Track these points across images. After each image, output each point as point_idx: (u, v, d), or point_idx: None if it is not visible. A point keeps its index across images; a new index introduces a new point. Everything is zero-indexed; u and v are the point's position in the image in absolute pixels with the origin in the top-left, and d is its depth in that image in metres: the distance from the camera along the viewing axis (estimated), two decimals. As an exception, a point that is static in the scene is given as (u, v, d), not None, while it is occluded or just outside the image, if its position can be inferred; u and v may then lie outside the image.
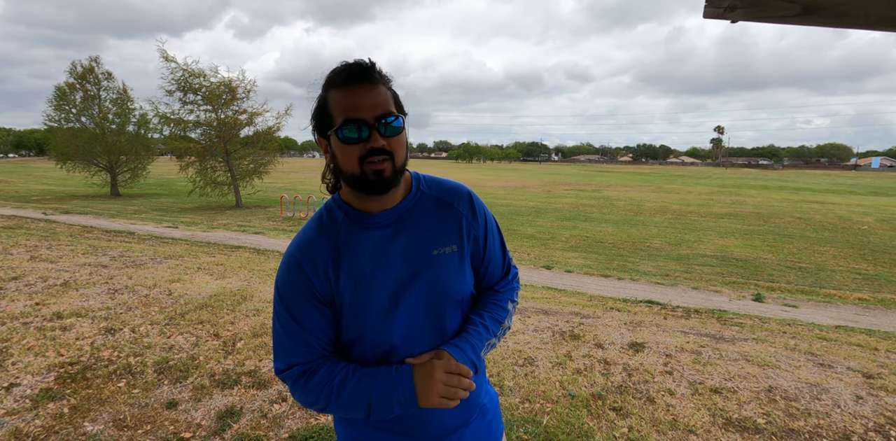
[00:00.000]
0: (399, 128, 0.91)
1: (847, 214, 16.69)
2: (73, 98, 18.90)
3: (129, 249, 7.16)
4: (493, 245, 1.07)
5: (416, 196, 1.00)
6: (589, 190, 25.77)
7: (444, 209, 1.01)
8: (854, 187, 34.15)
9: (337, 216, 0.98)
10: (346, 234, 0.96)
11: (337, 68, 0.90)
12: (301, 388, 0.94)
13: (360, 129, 0.87)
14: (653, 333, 4.07)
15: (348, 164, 0.90)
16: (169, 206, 16.08)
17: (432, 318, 0.98)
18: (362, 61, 0.90)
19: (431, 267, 0.96)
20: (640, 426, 2.54)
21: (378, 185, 0.89)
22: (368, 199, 0.95)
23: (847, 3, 0.81)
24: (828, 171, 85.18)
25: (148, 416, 2.53)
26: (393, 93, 0.93)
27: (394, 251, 0.96)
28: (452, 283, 0.99)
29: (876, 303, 6.19)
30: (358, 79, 0.88)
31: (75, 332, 3.62)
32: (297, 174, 36.05)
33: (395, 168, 0.90)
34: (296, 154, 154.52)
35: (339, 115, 0.88)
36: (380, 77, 0.91)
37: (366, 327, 0.96)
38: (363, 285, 0.94)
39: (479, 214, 1.04)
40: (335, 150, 0.91)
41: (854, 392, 3.00)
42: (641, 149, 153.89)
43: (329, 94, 0.90)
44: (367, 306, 0.94)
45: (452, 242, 0.99)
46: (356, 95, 0.87)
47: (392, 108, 0.90)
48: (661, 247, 10.13)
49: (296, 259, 0.95)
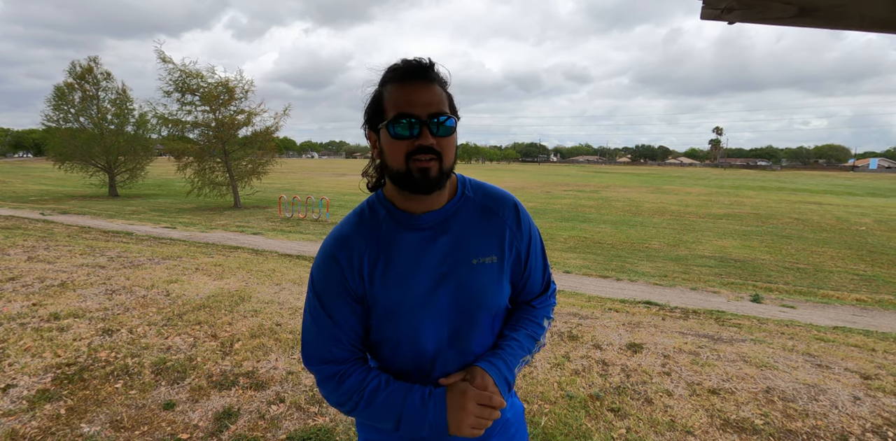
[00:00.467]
0: (451, 128, 0.89)
1: (845, 215, 16.73)
2: (72, 98, 18.86)
3: (126, 250, 7.14)
4: (535, 259, 1.04)
5: (460, 200, 0.98)
6: (587, 191, 25.80)
7: (488, 217, 0.99)
8: (852, 188, 34.24)
9: (379, 213, 0.97)
10: (386, 233, 0.95)
11: (395, 64, 0.90)
12: (332, 390, 0.95)
13: (411, 126, 0.86)
14: (651, 334, 4.07)
15: (395, 160, 0.88)
16: (167, 206, 16.06)
17: (464, 328, 0.96)
18: (421, 59, 0.89)
19: (469, 276, 0.94)
20: (638, 427, 2.54)
21: (423, 184, 0.88)
22: (412, 198, 0.93)
23: (843, 4, 0.81)
24: (826, 172, 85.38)
25: (145, 417, 2.52)
26: (448, 94, 0.92)
27: (433, 255, 0.94)
28: (488, 295, 0.97)
29: (874, 304, 6.20)
30: (415, 76, 0.88)
31: (72, 332, 3.61)
32: (296, 175, 36.03)
33: (442, 169, 0.89)
34: (294, 154, 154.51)
35: (391, 110, 0.87)
36: (437, 77, 0.90)
37: (395, 329, 0.95)
38: (399, 286, 0.93)
39: (524, 226, 1.02)
40: (383, 144, 0.90)
41: (852, 393, 3.00)
42: (640, 150, 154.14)
43: (385, 88, 0.90)
44: (399, 308, 0.93)
45: (493, 253, 0.97)
46: (411, 92, 0.87)
47: (446, 108, 0.89)
48: (660, 247, 10.14)
49: (332, 253, 0.95)
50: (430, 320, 0.94)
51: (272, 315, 4.17)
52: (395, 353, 0.97)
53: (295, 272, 6.05)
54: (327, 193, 18.88)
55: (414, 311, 0.93)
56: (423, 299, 0.93)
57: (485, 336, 0.99)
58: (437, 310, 0.94)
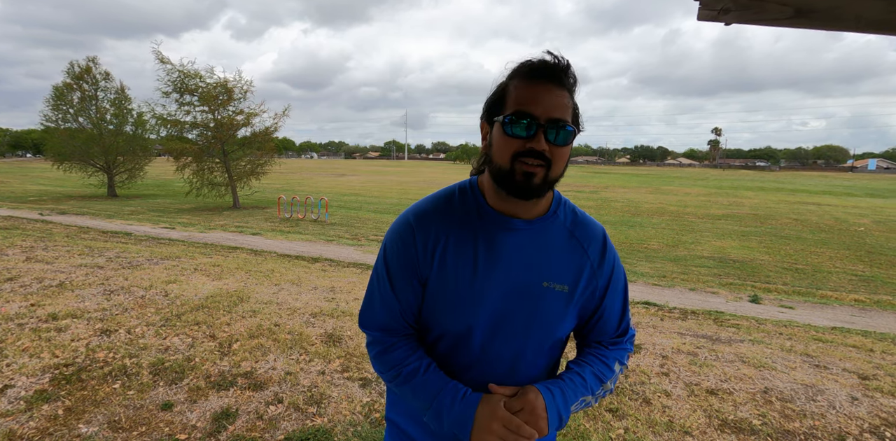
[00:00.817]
0: (569, 137, 0.84)
1: (843, 216, 16.76)
2: (71, 98, 18.84)
3: (125, 250, 7.13)
4: (612, 300, 0.99)
5: (551, 218, 0.95)
6: (587, 191, 25.81)
7: (572, 247, 0.95)
8: (850, 189, 34.29)
9: (469, 203, 0.94)
10: (471, 225, 0.92)
11: (529, 60, 0.85)
12: (377, 357, 0.96)
13: (528, 126, 0.82)
14: (649, 335, 4.07)
15: (501, 158, 0.85)
16: (166, 206, 16.04)
17: (512, 343, 0.93)
18: (559, 59, 0.84)
19: (534, 297, 0.91)
20: (636, 427, 2.54)
21: (523, 188, 0.84)
22: (507, 200, 0.89)
23: (839, 6, 0.82)
24: (824, 172, 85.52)
25: (143, 417, 2.52)
26: (575, 104, 0.87)
27: (507, 263, 0.91)
28: (547, 322, 0.93)
29: (872, 304, 6.21)
30: (546, 75, 0.83)
31: (70, 333, 3.61)
32: (295, 175, 36.02)
33: (548, 178, 0.85)
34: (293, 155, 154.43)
35: (512, 104, 0.84)
36: (569, 83, 0.86)
37: (446, 319, 0.93)
38: (466, 281, 0.90)
39: (608, 263, 0.97)
40: (494, 138, 0.87)
41: (849, 393, 3.01)
42: (639, 150, 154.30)
43: (512, 81, 0.86)
44: (457, 302, 0.91)
45: (566, 282, 0.93)
46: (538, 91, 0.83)
47: (569, 116, 0.84)
48: (659, 248, 10.15)
49: (412, 229, 0.93)
50: (478, 324, 0.91)
51: (271, 315, 4.17)
52: (440, 342, 0.96)
53: (293, 272, 6.05)
54: (326, 194, 18.88)
55: (469, 309, 0.91)
56: (483, 302, 0.90)
57: (533, 359, 0.96)
58: (492, 317, 0.91)
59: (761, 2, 0.97)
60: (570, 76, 0.85)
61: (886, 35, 0.80)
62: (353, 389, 2.90)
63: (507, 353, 0.93)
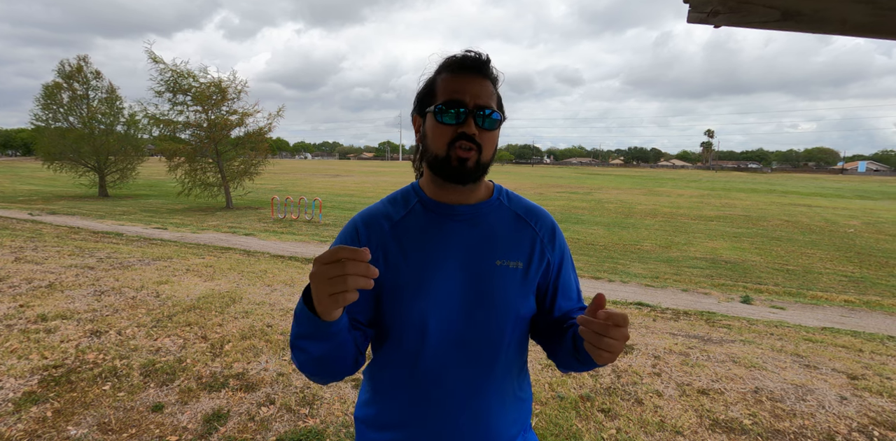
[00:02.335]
0: (495, 122, 0.91)
1: (834, 218, 16.93)
2: (61, 97, 18.66)
3: (116, 251, 7.07)
4: (566, 280, 1.01)
5: (494, 203, 0.99)
6: (581, 192, 25.91)
7: (520, 225, 0.98)
8: (841, 191, 34.64)
9: (411, 200, 0.99)
10: (415, 217, 0.96)
11: (454, 55, 0.93)
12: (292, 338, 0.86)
13: (457, 114, 0.88)
14: (642, 335, 4.09)
15: (436, 146, 0.90)
16: (158, 207, 15.92)
17: (474, 327, 0.92)
18: (480, 54, 0.92)
19: (490, 275, 0.92)
20: (628, 428, 2.55)
21: (459, 172, 0.89)
22: (446, 188, 0.94)
23: (824, 9, 0.83)
24: (815, 174, 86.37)
25: (133, 419, 2.50)
26: (498, 94, 0.95)
27: (457, 246, 0.93)
28: (507, 297, 0.93)
29: (861, 305, 6.28)
30: (471, 68, 0.91)
31: (60, 334, 3.57)
32: (289, 175, 35.87)
33: (480, 161, 0.90)
34: (287, 155, 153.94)
35: (442, 95, 0.90)
36: (491, 74, 0.93)
37: (402, 313, 0.92)
38: (416, 270, 0.91)
39: (558, 243, 1.01)
40: (428, 129, 0.92)
41: (839, 393, 3.04)
42: (633, 152, 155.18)
43: (439, 76, 0.93)
44: (410, 292, 0.91)
45: (519, 259, 0.95)
46: (464, 82, 0.90)
47: (494, 104, 0.92)
48: (652, 249, 10.20)
49: (355, 227, 0.96)
50: (439, 311, 0.91)
51: (263, 316, 4.15)
52: (405, 335, 0.93)
53: (287, 273, 6.02)
54: (320, 195, 18.82)
55: (425, 298, 0.90)
56: (437, 288, 0.91)
57: (498, 338, 0.94)
58: (451, 303, 0.91)
59: (749, 4, 0.98)
60: (492, 69, 0.93)
61: (870, 38, 0.81)
62: (345, 390, 2.89)
63: (470, 335, 0.92)
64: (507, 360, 0.97)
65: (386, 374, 0.98)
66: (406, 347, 0.94)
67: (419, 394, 0.94)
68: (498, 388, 0.96)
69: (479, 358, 0.93)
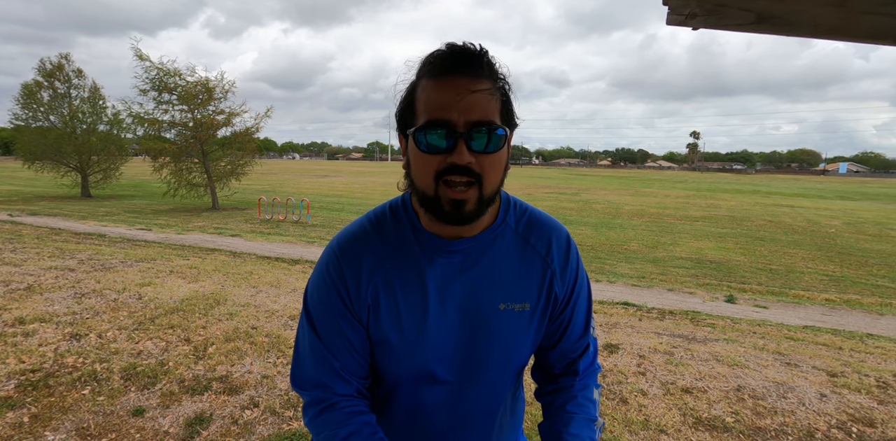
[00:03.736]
0: (500, 140, 0.69)
1: (815, 218, 17.25)
2: (41, 96, 18.30)
3: (98, 252, 6.95)
4: (578, 308, 0.87)
5: (499, 228, 0.80)
6: (569, 193, 26.07)
7: (528, 256, 0.81)
8: (822, 192, 35.32)
9: (403, 224, 0.80)
10: (406, 253, 0.78)
11: (437, 51, 0.69)
12: (310, 418, 0.80)
13: (445, 135, 0.67)
14: (627, 335, 4.12)
15: (423, 180, 0.71)
16: (142, 207, 15.69)
17: (477, 380, 0.83)
18: (469, 46, 0.68)
19: (491, 323, 0.80)
20: (613, 427, 2.57)
21: (454, 217, 0.70)
22: (441, 223, 0.75)
23: (796, 12, 0.84)
24: (798, 175, 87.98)
25: (113, 424, 2.45)
26: (503, 93, 0.70)
27: (455, 290, 0.78)
28: (508, 347, 0.82)
29: (842, 303, 6.40)
30: (457, 68, 0.67)
31: (38, 338, 3.50)
32: (277, 176, 35.58)
33: (481, 198, 0.70)
34: (275, 155, 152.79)
35: (422, 113, 0.68)
36: (488, 70, 0.69)
37: (396, 366, 0.82)
38: (408, 319, 0.78)
39: (571, 268, 0.84)
40: (411, 156, 0.72)
41: (818, 390, 3.09)
42: (620, 153, 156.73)
43: (420, 81, 0.70)
44: (404, 343, 0.79)
45: (526, 299, 0.81)
46: (450, 90, 0.66)
47: (494, 115, 0.68)
48: (638, 249, 10.30)
49: (338, 268, 0.78)
50: (435, 365, 0.80)
51: (248, 318, 4.11)
52: (398, 388, 0.84)
53: (273, 275, 5.97)
54: (308, 195, 18.69)
55: (417, 352, 0.79)
56: (434, 342, 0.79)
57: (502, 389, 0.87)
58: (448, 355, 0.80)
59: (725, 7, 1.00)
60: (488, 63, 0.69)
61: (840, 40, 0.83)
62: (331, 392, 2.87)
63: (470, 391, 0.84)
64: (506, 407, 0.91)
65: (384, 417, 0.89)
66: (398, 403, 0.85)
67: (416, 433, 0.88)
68: (498, 420, 0.91)
69: (478, 413, 0.86)
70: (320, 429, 0.79)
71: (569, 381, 0.89)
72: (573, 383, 0.88)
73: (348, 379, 0.80)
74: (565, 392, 0.88)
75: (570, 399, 0.86)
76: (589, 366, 0.90)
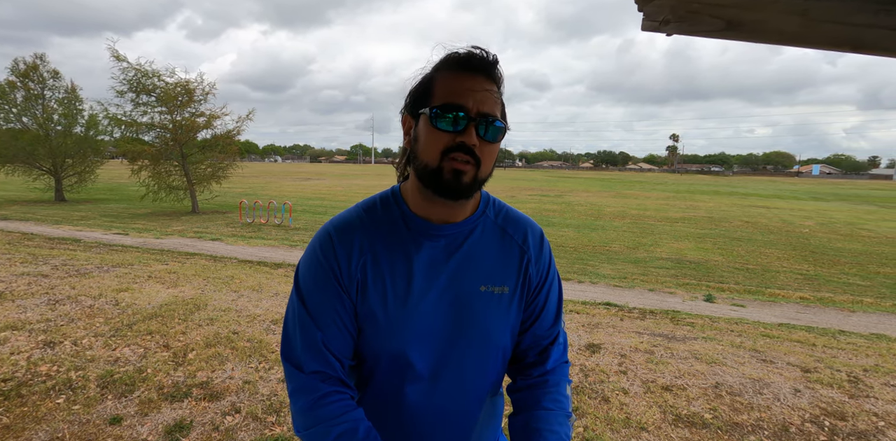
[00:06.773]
0: (499, 133, 0.80)
1: (790, 218, 17.72)
2: (14, 97, 17.78)
3: (73, 257, 6.77)
4: (551, 296, 0.94)
5: (479, 218, 0.89)
6: (551, 195, 26.31)
7: (507, 244, 0.89)
8: (797, 193, 36.30)
9: (392, 212, 0.87)
10: (397, 237, 0.84)
11: (458, 52, 0.80)
12: (302, 411, 0.82)
13: (456, 120, 0.76)
14: (609, 334, 4.18)
15: (428, 155, 0.78)
16: (119, 211, 15.33)
17: (458, 359, 0.87)
18: (487, 52, 0.80)
19: (473, 304, 0.85)
20: (595, 425, 2.60)
21: (452, 187, 0.78)
22: (434, 203, 0.83)
23: (763, 20, 0.88)
24: (773, 177, 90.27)
25: (89, 433, 2.39)
26: (502, 101, 0.83)
27: (441, 273, 0.84)
28: (489, 329, 0.87)
29: (815, 301, 6.58)
30: (477, 68, 0.79)
31: (10, 346, 3.39)
32: (258, 179, 35.14)
33: (477, 177, 0.79)
34: (257, 158, 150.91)
35: (440, 96, 0.78)
36: (497, 77, 0.81)
37: (381, 345, 0.84)
38: (395, 299, 0.83)
39: (544, 258, 0.93)
40: (420, 133, 0.80)
41: (793, 386, 3.17)
42: (602, 155, 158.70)
43: (438, 73, 0.80)
44: (389, 323, 0.83)
45: (506, 283, 0.88)
46: (468, 83, 0.78)
47: (499, 112, 0.81)
48: (620, 250, 10.44)
49: (331, 247, 0.83)
50: (420, 345, 0.84)
51: (229, 323, 4.05)
52: (377, 367, 0.87)
53: (254, 279, 5.89)
54: (291, 198, 18.50)
55: (405, 331, 0.83)
56: (418, 320, 0.83)
57: (482, 370, 0.90)
58: (431, 334, 0.84)
59: (696, 15, 1.03)
60: (499, 71, 0.81)
61: (804, 47, 0.86)
62: (314, 397, 2.84)
63: (451, 367, 0.87)
64: (490, 391, 0.94)
65: (363, 407, 0.90)
66: (384, 382, 0.88)
67: (397, 427, 0.90)
68: (480, 418, 0.94)
69: (463, 392, 0.89)
70: (312, 422, 0.81)
71: (542, 376, 0.93)
72: (547, 379, 0.93)
73: (336, 356, 0.83)
74: (539, 388, 0.92)
75: (545, 395, 0.90)
76: (560, 356, 0.96)
